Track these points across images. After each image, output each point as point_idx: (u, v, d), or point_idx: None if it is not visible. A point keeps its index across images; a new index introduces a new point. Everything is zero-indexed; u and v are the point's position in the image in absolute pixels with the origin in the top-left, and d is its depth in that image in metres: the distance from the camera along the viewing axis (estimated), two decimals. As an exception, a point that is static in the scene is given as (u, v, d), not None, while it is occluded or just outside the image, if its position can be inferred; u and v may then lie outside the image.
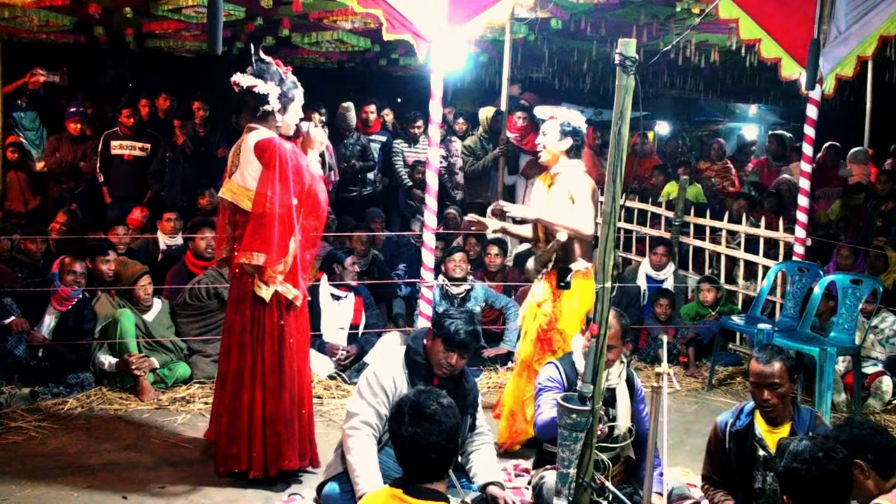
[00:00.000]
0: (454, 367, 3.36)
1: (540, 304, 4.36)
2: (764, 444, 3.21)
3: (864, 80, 8.48)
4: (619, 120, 2.78)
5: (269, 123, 3.79)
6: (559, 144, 4.32)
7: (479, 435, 3.55)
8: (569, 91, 12.08)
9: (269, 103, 3.74)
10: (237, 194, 3.76)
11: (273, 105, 3.75)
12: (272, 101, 3.74)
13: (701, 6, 6.35)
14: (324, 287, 5.66)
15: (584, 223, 4.23)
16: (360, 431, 3.27)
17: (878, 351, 5.54)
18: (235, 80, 3.78)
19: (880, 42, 5.47)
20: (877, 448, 2.69)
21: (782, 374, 3.16)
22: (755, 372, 3.20)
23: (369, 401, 3.32)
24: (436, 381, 3.36)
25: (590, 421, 2.88)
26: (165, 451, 4.25)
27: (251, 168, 3.71)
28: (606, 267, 2.83)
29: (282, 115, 3.80)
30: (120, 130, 7.43)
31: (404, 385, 3.33)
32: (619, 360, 3.56)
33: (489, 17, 5.02)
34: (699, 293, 6.43)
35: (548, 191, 4.41)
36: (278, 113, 3.79)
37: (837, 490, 2.46)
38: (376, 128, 8.20)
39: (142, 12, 6.85)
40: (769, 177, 8.64)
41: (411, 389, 2.66)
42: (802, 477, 2.44)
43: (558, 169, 4.35)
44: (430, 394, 2.51)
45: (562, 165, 4.34)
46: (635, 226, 7.65)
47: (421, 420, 2.41)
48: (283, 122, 3.81)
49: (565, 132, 4.31)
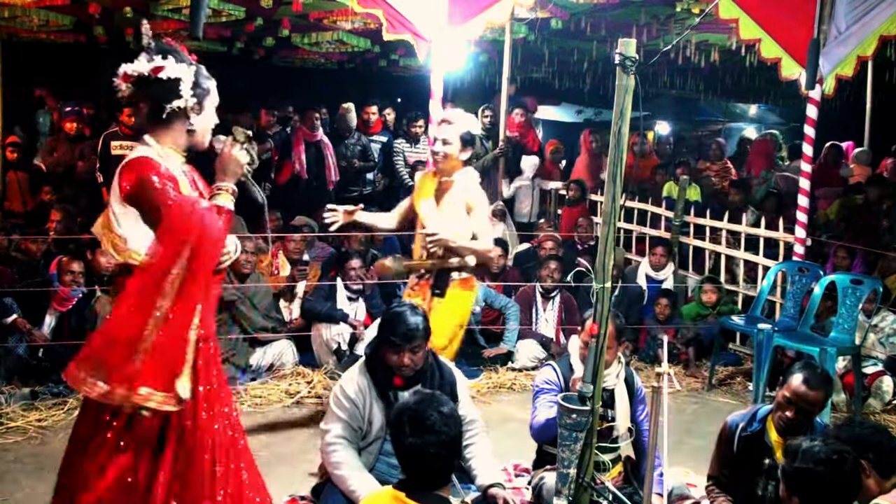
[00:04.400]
0: (411, 365, 3.27)
1: None
2: (772, 453, 3.18)
3: (864, 80, 8.48)
4: (619, 120, 2.78)
5: (175, 132, 2.59)
6: (462, 155, 4.01)
7: (468, 424, 3.48)
8: (569, 91, 12.09)
9: (181, 95, 2.53)
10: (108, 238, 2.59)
11: (186, 98, 2.54)
12: (185, 91, 2.54)
13: (701, 6, 6.36)
14: (340, 289, 5.71)
15: (491, 244, 4.12)
16: (339, 445, 3.26)
17: (878, 350, 5.54)
18: (126, 72, 2.56)
19: (880, 42, 5.47)
20: (877, 448, 2.70)
21: (821, 401, 3.12)
22: (798, 392, 3.07)
23: (339, 415, 3.30)
24: (399, 381, 3.30)
25: (590, 421, 2.88)
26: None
27: (116, 205, 2.55)
28: (606, 267, 2.83)
29: (196, 115, 2.61)
30: (120, 131, 7.41)
31: (369, 392, 3.30)
32: (617, 360, 3.55)
33: (489, 17, 5.03)
34: (700, 294, 6.43)
35: (433, 195, 4.07)
36: (192, 112, 2.59)
37: (848, 491, 2.47)
38: (377, 128, 8.22)
39: (142, 12, 6.85)
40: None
41: (412, 395, 2.61)
42: (816, 478, 2.43)
43: (455, 177, 4.03)
44: (430, 402, 2.46)
45: (459, 174, 4.05)
46: (635, 226, 7.66)
47: (420, 431, 2.38)
48: (197, 126, 2.62)
49: (466, 142, 4.00)
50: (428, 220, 4.00)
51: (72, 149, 7.65)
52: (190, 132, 2.61)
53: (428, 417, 2.40)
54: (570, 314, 6.08)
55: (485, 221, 4.07)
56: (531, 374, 5.70)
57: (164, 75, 2.49)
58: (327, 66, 10.43)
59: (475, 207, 4.01)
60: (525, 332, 6.04)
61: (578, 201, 8.21)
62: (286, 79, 10.49)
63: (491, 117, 7.97)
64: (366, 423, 3.29)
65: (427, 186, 4.10)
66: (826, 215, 7.59)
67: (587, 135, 9.08)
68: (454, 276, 4.00)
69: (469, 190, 4.03)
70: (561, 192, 8.66)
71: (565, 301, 6.18)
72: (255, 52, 9.29)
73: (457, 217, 3.99)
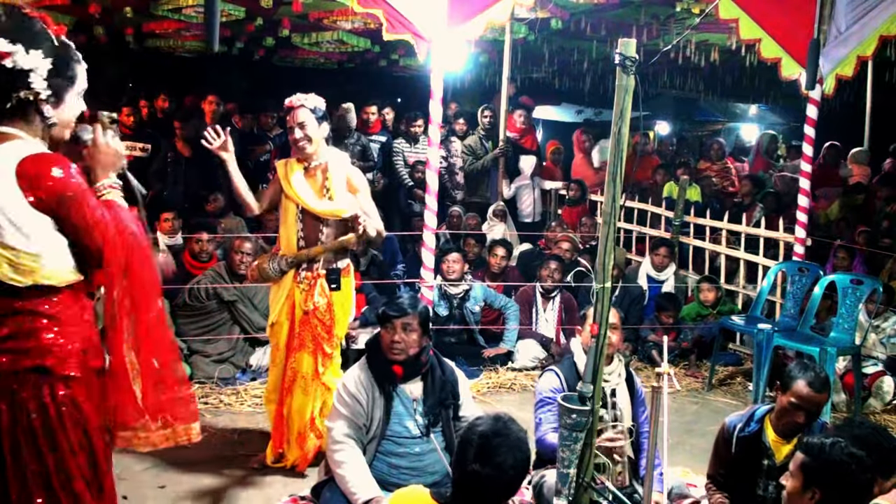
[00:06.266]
0: (402, 342, 3.26)
1: (313, 310, 3.85)
2: (771, 454, 3.18)
3: (864, 80, 8.48)
4: (619, 120, 2.78)
5: (32, 123, 2.17)
6: (320, 131, 3.87)
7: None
8: (569, 91, 12.09)
9: (30, 87, 2.11)
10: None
11: (38, 90, 2.13)
12: (36, 83, 2.12)
13: (701, 6, 6.36)
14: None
15: (381, 224, 3.95)
16: (345, 444, 3.25)
17: (879, 350, 5.54)
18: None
19: (880, 42, 5.46)
20: (877, 448, 2.69)
21: (826, 401, 3.16)
22: (806, 397, 3.07)
23: (342, 412, 3.29)
24: (399, 370, 3.30)
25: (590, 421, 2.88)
26: (165, 451, 4.21)
27: (18, 215, 2.07)
28: (606, 267, 2.83)
29: (54, 109, 2.19)
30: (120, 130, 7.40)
31: (371, 387, 3.30)
32: (618, 358, 3.56)
33: (489, 17, 5.02)
34: (699, 293, 6.43)
35: (312, 181, 3.89)
36: (48, 105, 2.17)
37: (870, 488, 2.49)
38: (376, 128, 8.21)
39: (142, 12, 6.86)
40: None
41: (491, 419, 2.44)
42: (845, 471, 2.44)
43: (323, 158, 3.89)
44: (507, 438, 2.32)
45: (325, 154, 3.91)
46: (635, 226, 7.66)
47: (486, 462, 2.27)
48: (57, 119, 2.22)
49: (319, 118, 3.86)
50: (311, 203, 3.83)
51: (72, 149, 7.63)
52: (49, 125, 2.20)
53: (497, 452, 2.28)
54: (571, 314, 6.08)
55: (371, 200, 3.97)
56: (531, 374, 5.70)
57: (10, 63, 2.07)
58: (327, 66, 10.42)
59: (361, 188, 3.93)
60: (525, 332, 6.04)
61: (578, 201, 8.21)
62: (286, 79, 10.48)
63: (491, 117, 7.98)
64: (368, 418, 3.29)
65: (294, 170, 3.91)
66: (826, 215, 7.59)
67: (579, 134, 9.12)
68: (340, 265, 3.91)
69: (346, 170, 3.93)
70: (561, 192, 8.66)
71: (565, 301, 6.18)
72: (255, 52, 9.29)
73: (346, 199, 3.85)
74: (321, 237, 3.87)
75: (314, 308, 3.85)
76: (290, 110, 3.87)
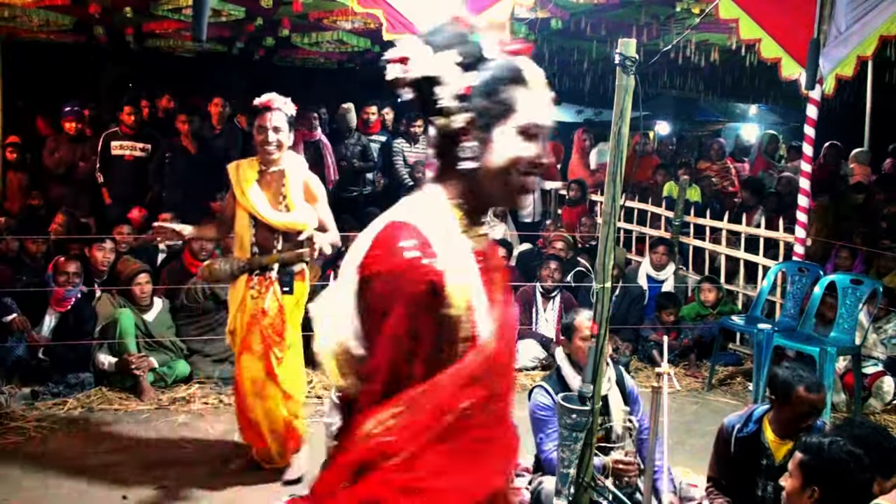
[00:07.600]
0: None
1: (263, 315, 3.76)
2: (769, 454, 3.18)
3: (864, 80, 8.47)
4: (619, 120, 2.78)
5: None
6: (289, 138, 3.74)
7: None
8: (569, 91, 12.08)
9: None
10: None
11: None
12: None
13: (701, 6, 6.35)
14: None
15: (337, 235, 3.88)
16: None
17: (879, 350, 5.54)
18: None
19: (880, 42, 5.46)
20: (877, 448, 2.69)
21: (825, 399, 3.22)
22: (811, 402, 3.08)
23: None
24: None
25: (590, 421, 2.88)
26: (165, 450, 4.25)
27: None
28: (606, 267, 2.83)
29: None
30: (120, 130, 7.40)
31: None
32: (606, 363, 3.53)
33: (489, 17, 5.02)
34: (699, 293, 6.43)
35: (268, 188, 3.76)
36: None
37: (869, 487, 2.49)
38: (376, 128, 8.22)
39: (142, 12, 6.85)
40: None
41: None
42: (844, 469, 2.45)
43: (282, 164, 3.76)
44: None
45: (287, 160, 3.78)
46: (635, 226, 7.65)
47: None
48: None
49: (290, 123, 3.74)
50: (265, 213, 3.70)
51: (72, 149, 7.65)
52: None
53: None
54: (571, 314, 6.07)
55: (328, 209, 3.88)
56: (531, 374, 5.70)
57: None
58: (327, 66, 10.41)
59: (319, 196, 3.83)
60: (525, 332, 6.03)
61: (578, 201, 8.21)
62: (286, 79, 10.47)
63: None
64: None
65: (248, 176, 3.75)
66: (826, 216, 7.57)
67: (580, 134, 9.12)
68: (295, 269, 3.83)
69: (305, 177, 3.79)
70: (561, 192, 8.66)
71: (566, 301, 6.18)
72: (255, 52, 9.29)
73: (300, 207, 3.76)
74: (276, 245, 3.76)
75: (263, 312, 3.75)
76: (265, 110, 3.68)
